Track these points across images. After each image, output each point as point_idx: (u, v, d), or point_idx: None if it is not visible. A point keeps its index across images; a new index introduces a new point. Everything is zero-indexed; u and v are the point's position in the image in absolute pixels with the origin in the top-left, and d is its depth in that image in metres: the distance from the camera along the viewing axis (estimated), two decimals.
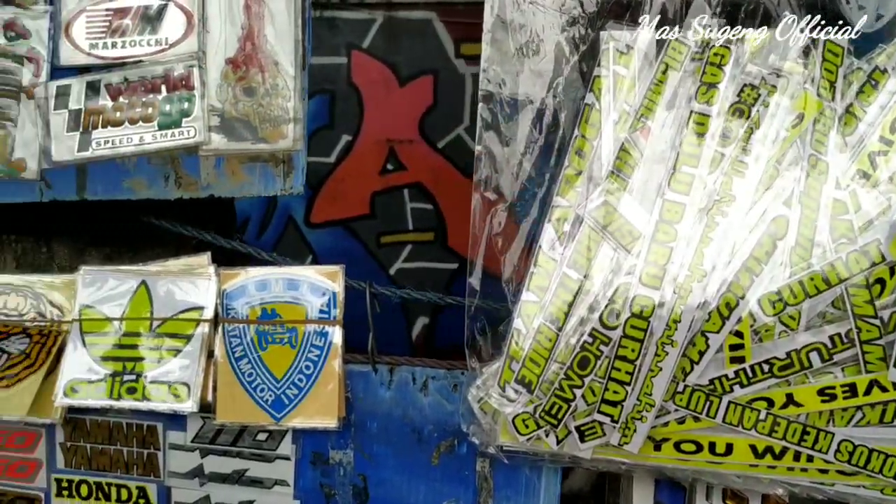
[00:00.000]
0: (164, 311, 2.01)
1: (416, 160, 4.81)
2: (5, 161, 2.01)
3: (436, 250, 4.63)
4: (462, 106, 4.58)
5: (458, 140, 4.63)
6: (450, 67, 4.51)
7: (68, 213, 2.28)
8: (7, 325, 2.08)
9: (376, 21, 4.55)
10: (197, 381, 1.95)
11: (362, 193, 4.75)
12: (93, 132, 1.95)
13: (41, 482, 2.13)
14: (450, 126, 4.56)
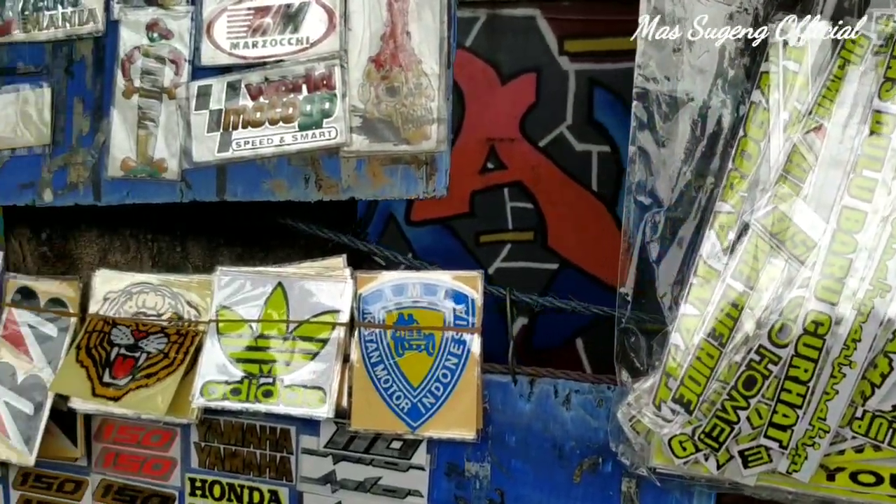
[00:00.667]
0: (299, 314, 1.98)
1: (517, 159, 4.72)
2: (147, 161, 2.01)
3: (535, 250, 4.53)
4: (565, 104, 4.45)
5: (561, 139, 4.51)
6: (553, 65, 4.39)
7: (204, 212, 2.28)
8: (146, 325, 2.08)
9: (479, 19, 4.47)
10: (333, 387, 1.91)
11: (462, 192, 4.69)
12: (233, 132, 1.93)
13: (175, 481, 2.14)
14: (552, 125, 4.45)
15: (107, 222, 2.33)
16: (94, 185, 2.06)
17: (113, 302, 2.14)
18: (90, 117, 2.08)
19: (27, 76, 2.16)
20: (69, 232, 2.35)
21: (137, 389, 2.00)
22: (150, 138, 2.01)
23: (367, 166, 1.83)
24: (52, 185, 2.10)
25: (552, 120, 4.49)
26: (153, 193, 2.01)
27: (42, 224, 2.36)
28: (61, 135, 2.11)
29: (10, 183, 2.16)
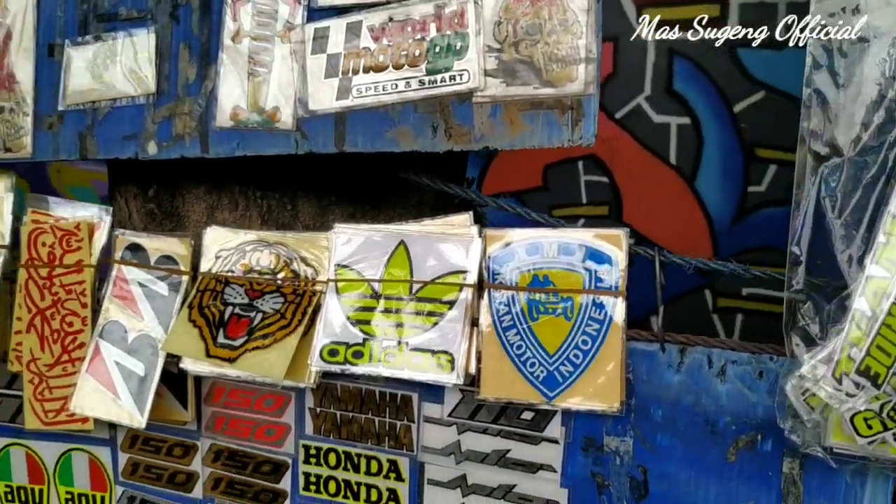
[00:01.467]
0: (424, 274, 1.85)
1: None
2: (259, 110, 1.88)
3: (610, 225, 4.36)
4: (643, 74, 4.23)
5: (638, 110, 4.29)
6: (631, 34, 4.18)
7: (314, 169, 2.15)
8: (260, 284, 1.97)
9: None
10: (461, 351, 1.77)
11: (535, 165, 4.52)
12: (353, 78, 1.77)
13: (289, 447, 2.05)
14: (629, 95, 4.26)
15: (215, 179, 2.22)
16: (202, 136, 1.94)
17: (225, 260, 2.03)
18: (197, 64, 1.95)
19: (130, 21, 2.04)
20: (177, 189, 2.25)
21: (254, 351, 1.90)
22: (262, 86, 1.88)
23: (504, 112, 1.66)
24: (157, 137, 1.99)
25: (629, 91, 4.33)
26: (266, 145, 1.88)
27: (149, 180, 2.27)
28: (166, 83, 1.99)
29: (112, 135, 2.07)
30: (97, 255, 2.14)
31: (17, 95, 2.16)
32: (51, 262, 2.15)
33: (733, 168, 4.28)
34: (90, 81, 2.07)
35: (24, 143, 2.16)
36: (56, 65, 2.13)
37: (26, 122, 2.16)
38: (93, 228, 2.15)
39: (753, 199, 4.26)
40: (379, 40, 1.77)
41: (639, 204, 4.48)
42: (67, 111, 2.11)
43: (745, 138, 4.29)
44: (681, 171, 4.32)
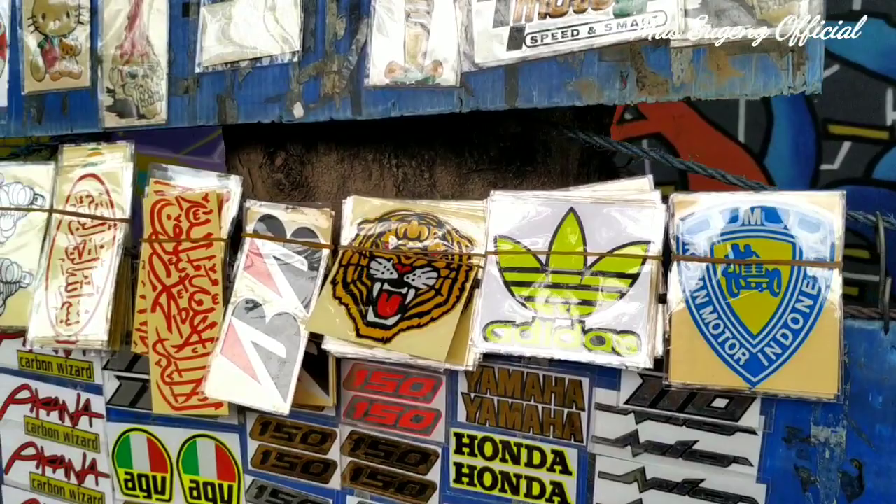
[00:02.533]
0: (599, 245, 1.66)
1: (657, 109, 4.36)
2: (418, 65, 1.71)
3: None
4: None
5: None
6: None
7: (449, 133, 1.98)
8: (409, 257, 1.80)
9: None
10: (648, 331, 1.57)
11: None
12: (526, 25, 1.59)
13: (438, 436, 1.88)
14: None
15: (347, 145, 2.07)
16: (353, 95, 1.79)
17: (368, 232, 1.87)
18: (346, 18, 1.80)
19: None
20: (306, 157, 2.09)
21: (409, 330, 1.74)
22: (420, 39, 1.71)
23: (709, 57, 1.47)
24: (303, 98, 1.85)
25: None
26: (425, 103, 1.71)
27: (276, 148, 2.12)
28: (312, 40, 1.84)
29: (252, 97, 1.92)
30: (227, 228, 2.00)
31: (151, 59, 2.04)
32: (177, 236, 2.03)
33: (805, 145, 4.08)
34: (229, 41, 1.94)
35: (158, 108, 2.04)
36: (191, 25, 2.01)
37: (160, 86, 2.03)
38: (221, 199, 2.02)
39: (826, 177, 4.05)
40: None
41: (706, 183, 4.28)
42: (204, 74, 1.98)
43: (817, 114, 4.10)
44: (750, 149, 4.13)
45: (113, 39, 2.11)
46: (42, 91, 2.24)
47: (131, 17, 2.08)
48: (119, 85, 2.10)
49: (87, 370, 2.28)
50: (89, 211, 2.16)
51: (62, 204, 2.19)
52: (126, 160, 2.13)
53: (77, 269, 2.13)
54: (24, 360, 2.37)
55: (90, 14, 2.15)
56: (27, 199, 2.25)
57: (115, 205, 2.13)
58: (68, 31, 2.19)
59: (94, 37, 2.16)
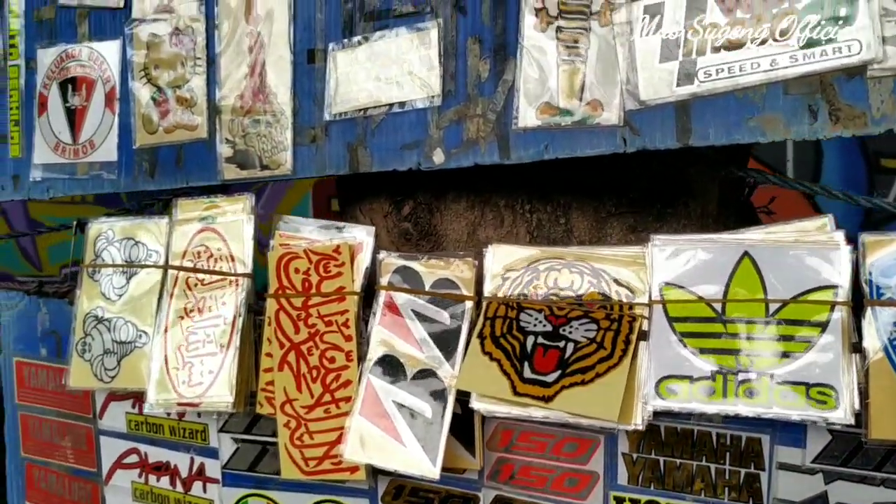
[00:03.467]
0: (781, 292, 1.55)
1: None
2: (574, 105, 1.62)
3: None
4: None
5: None
6: None
7: (587, 174, 1.89)
8: (563, 308, 1.70)
9: None
10: (846, 383, 1.45)
11: None
12: (698, 60, 1.50)
13: (595, 500, 1.77)
14: None
15: (477, 192, 1.98)
16: (500, 139, 1.71)
17: (515, 282, 1.78)
18: (490, 59, 1.73)
19: (404, 18, 1.83)
20: (435, 204, 2.01)
21: (573, 388, 1.63)
22: (575, 77, 1.63)
23: None
24: (444, 144, 1.77)
25: None
26: (584, 144, 1.63)
27: (404, 196, 2.04)
28: (452, 83, 1.77)
29: (387, 145, 1.85)
30: (360, 281, 1.91)
31: (274, 108, 1.99)
32: (306, 291, 1.94)
33: (856, 180, 3.94)
34: (361, 87, 1.87)
35: (283, 159, 1.98)
36: (317, 72, 1.95)
37: (285, 136, 1.97)
38: (354, 251, 1.93)
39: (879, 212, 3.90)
40: (732, 13, 1.50)
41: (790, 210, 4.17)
42: (334, 121, 1.91)
43: (867, 148, 4.02)
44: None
45: (232, 89, 2.05)
46: (155, 144, 2.19)
47: (252, 66, 2.03)
48: (240, 136, 2.04)
49: (202, 433, 2.19)
50: (208, 266, 2.08)
51: (178, 260, 2.13)
52: (247, 213, 2.07)
53: (198, 328, 2.06)
54: (134, 422, 2.29)
55: (207, 64, 2.10)
56: (141, 255, 2.19)
57: (236, 259, 2.06)
58: (183, 83, 2.14)
59: (211, 87, 2.10)
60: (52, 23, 2.38)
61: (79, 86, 2.33)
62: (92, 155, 2.30)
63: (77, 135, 2.32)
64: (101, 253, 2.25)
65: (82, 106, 2.32)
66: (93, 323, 2.20)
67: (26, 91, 2.42)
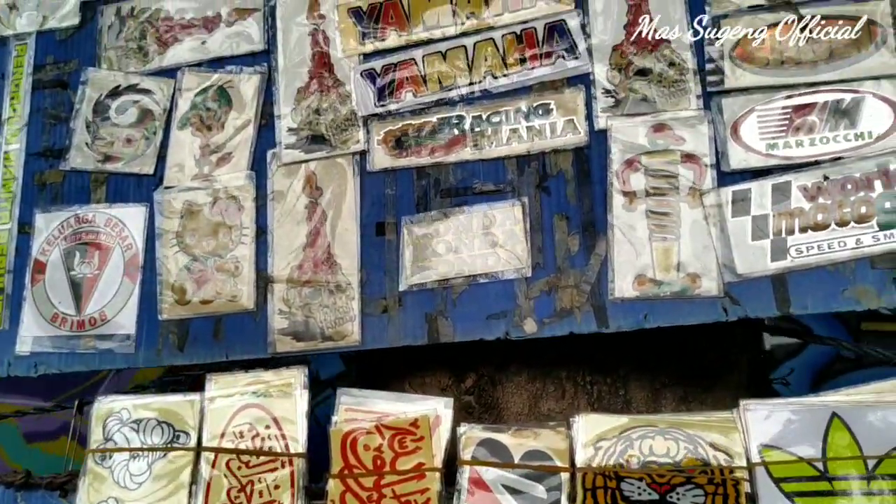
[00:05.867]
0: (874, 448, 1.70)
1: None
2: (671, 278, 1.79)
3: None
4: None
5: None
6: None
7: (642, 349, 2.04)
8: (663, 476, 1.77)
9: None
10: None
11: None
12: (788, 238, 1.73)
13: None
14: None
15: (539, 364, 2.06)
16: (597, 308, 1.82)
17: (608, 451, 1.83)
18: (579, 234, 1.87)
19: (485, 195, 1.96)
20: (497, 377, 2.06)
21: None
22: (671, 252, 1.80)
23: None
24: (535, 314, 1.85)
25: None
26: (685, 313, 1.78)
27: (465, 368, 2.07)
28: (539, 256, 1.89)
29: (470, 315, 1.91)
30: (441, 456, 1.88)
31: (339, 279, 1.99)
32: (378, 469, 1.88)
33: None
34: (441, 259, 1.93)
35: (350, 329, 1.96)
36: (387, 244, 1.99)
37: (352, 306, 1.96)
38: (431, 425, 1.91)
39: None
40: (815, 199, 1.75)
41: None
42: (409, 292, 1.94)
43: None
44: None
45: (288, 259, 2.04)
46: (187, 316, 2.09)
47: (312, 236, 2.04)
48: (297, 307, 2.00)
49: None
50: (253, 446, 1.96)
51: (217, 441, 1.98)
52: (301, 387, 1.99)
53: None
54: None
55: (256, 233, 2.09)
56: (165, 437, 2.02)
57: (289, 438, 1.95)
58: (226, 252, 2.10)
59: (261, 257, 2.07)
60: (57, 186, 2.27)
61: (90, 253, 2.20)
62: (101, 328, 2.15)
63: (83, 306, 2.17)
64: (111, 436, 2.05)
65: (93, 275, 2.18)
66: None
67: (17, 258, 2.25)
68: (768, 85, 1.84)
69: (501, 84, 2.01)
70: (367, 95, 2.08)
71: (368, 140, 2.07)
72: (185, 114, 2.22)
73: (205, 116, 2.20)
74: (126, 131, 2.26)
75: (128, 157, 2.24)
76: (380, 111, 2.07)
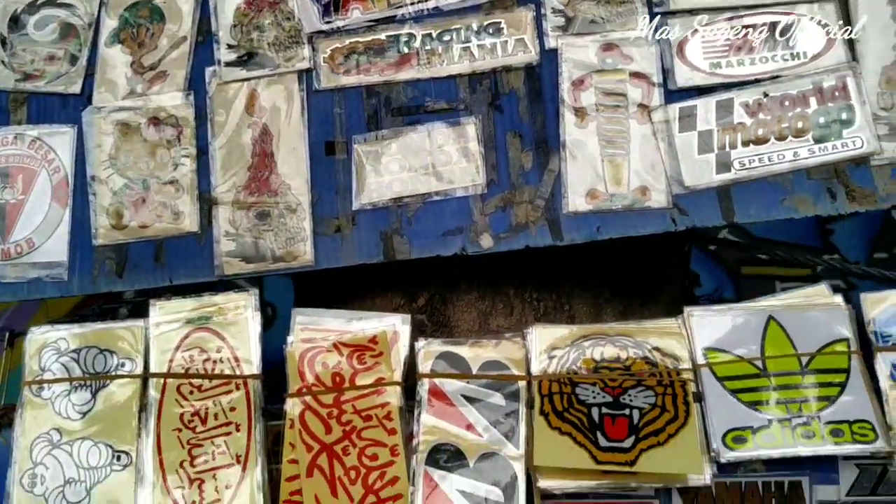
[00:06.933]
0: (807, 347, 1.87)
1: None
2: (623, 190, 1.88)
3: None
4: None
5: None
6: None
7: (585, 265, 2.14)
8: (615, 380, 1.88)
9: None
10: (876, 417, 1.79)
11: None
12: (731, 152, 1.85)
13: None
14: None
15: (488, 283, 2.12)
16: (551, 223, 1.89)
17: (561, 359, 1.92)
18: (532, 151, 1.93)
19: (436, 114, 1.98)
20: (448, 296, 2.11)
21: (650, 450, 1.78)
22: (621, 167, 1.89)
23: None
24: (491, 229, 1.90)
25: None
26: (636, 225, 1.87)
27: (417, 287, 2.11)
28: (494, 173, 1.93)
29: (426, 232, 1.93)
30: (401, 371, 1.92)
31: (289, 200, 1.97)
32: (337, 387, 1.90)
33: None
34: (394, 177, 1.95)
35: (302, 249, 1.95)
36: (338, 164, 1.99)
37: (303, 226, 1.96)
38: (389, 341, 1.94)
39: None
40: (755, 115, 1.87)
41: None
42: (362, 211, 1.95)
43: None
44: None
45: (231, 179, 2.00)
46: (124, 241, 2.03)
47: (258, 156, 2.01)
48: (245, 228, 1.98)
49: None
50: (204, 370, 1.94)
51: (165, 367, 1.95)
52: (253, 309, 1.97)
53: (203, 439, 1.88)
54: None
55: (196, 154, 2.03)
56: (109, 366, 1.96)
57: (242, 360, 1.94)
58: (164, 174, 2.04)
59: (202, 178, 2.03)
60: None
61: (12, 178, 2.09)
62: (29, 255, 2.04)
63: (7, 233, 2.06)
64: (49, 367, 1.97)
65: (17, 201, 2.07)
66: (45, 449, 1.90)
67: None
68: (712, 6, 1.92)
69: (451, 2, 2.00)
70: (312, 11, 2.04)
71: (314, 58, 2.03)
72: (114, 30, 2.11)
73: (136, 33, 2.10)
74: (47, 48, 2.13)
75: (50, 75, 2.11)
76: (325, 28, 2.03)
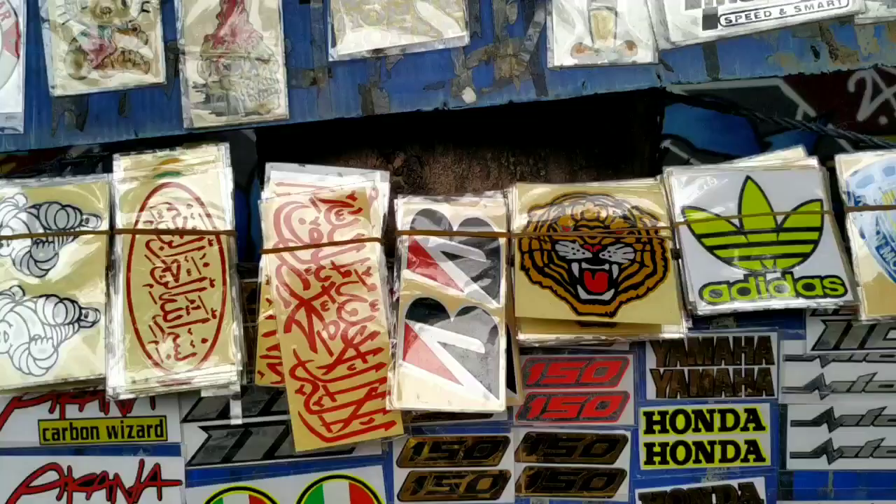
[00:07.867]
0: (782, 206, 1.91)
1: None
2: (609, 44, 1.86)
3: None
4: None
5: None
6: None
7: (560, 129, 2.13)
8: (594, 237, 1.90)
9: None
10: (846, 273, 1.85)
11: None
12: (719, 8, 1.86)
13: (627, 419, 1.95)
14: None
15: (465, 145, 2.10)
16: (535, 77, 1.86)
17: (542, 217, 1.93)
18: (517, 3, 1.88)
19: None
20: (424, 157, 2.08)
21: (630, 302, 1.82)
22: (608, 21, 1.86)
23: (888, 31, 1.82)
24: (474, 84, 1.86)
25: None
26: (622, 80, 1.85)
27: (393, 148, 2.07)
28: (477, 25, 1.88)
29: (407, 86, 1.89)
30: (381, 227, 1.90)
31: (261, 49, 1.89)
32: (315, 241, 1.87)
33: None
34: (372, 29, 1.88)
35: (276, 103, 1.89)
36: (313, 13, 1.91)
37: (277, 78, 1.89)
38: (368, 197, 1.92)
39: None
40: None
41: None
42: (339, 63, 1.89)
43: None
44: None
45: (199, 27, 1.91)
46: (85, 91, 1.93)
47: (226, 3, 1.92)
48: (214, 80, 1.90)
49: (158, 427, 1.93)
50: (174, 226, 1.88)
51: (132, 223, 1.89)
52: (224, 164, 1.92)
53: (177, 294, 1.84)
54: (51, 431, 1.93)
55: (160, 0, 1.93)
56: (72, 222, 1.89)
57: (214, 216, 1.89)
58: (126, 20, 1.93)
59: (168, 25, 1.93)
60: None
61: None
62: None
63: None
64: (7, 222, 1.89)
65: None
66: (8, 306, 1.84)
67: None
68: None
69: None
70: None
71: None
72: None
73: None
74: None
75: None
76: None
